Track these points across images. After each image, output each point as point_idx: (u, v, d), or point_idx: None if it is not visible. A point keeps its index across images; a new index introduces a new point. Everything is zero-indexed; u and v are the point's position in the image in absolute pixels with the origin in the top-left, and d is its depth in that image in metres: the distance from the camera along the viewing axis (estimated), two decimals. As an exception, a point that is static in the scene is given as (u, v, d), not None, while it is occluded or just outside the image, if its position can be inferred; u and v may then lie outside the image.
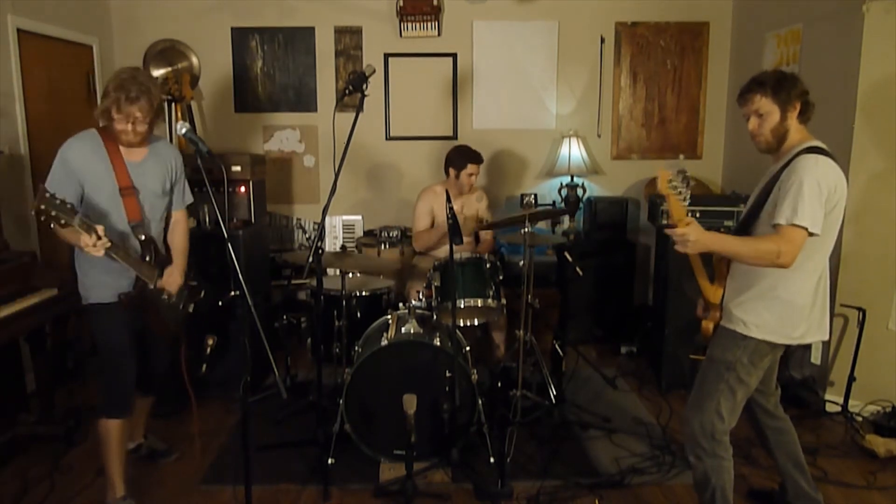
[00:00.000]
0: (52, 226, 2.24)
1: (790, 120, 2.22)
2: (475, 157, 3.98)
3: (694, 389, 2.40)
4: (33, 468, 3.05)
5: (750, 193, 2.43)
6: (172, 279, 2.75)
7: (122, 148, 2.59)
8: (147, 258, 2.64)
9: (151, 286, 2.66)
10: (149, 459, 3.13)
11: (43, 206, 2.19)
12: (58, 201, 2.21)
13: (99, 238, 2.30)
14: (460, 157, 3.98)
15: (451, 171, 4.01)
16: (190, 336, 2.89)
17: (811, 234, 2.10)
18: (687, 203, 2.13)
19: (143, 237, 2.62)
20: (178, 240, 2.84)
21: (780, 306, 2.23)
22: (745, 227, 2.33)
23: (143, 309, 2.67)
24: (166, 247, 2.80)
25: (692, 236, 2.10)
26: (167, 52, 4.82)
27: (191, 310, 2.85)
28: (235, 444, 3.20)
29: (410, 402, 2.57)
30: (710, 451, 2.32)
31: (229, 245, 2.07)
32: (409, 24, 4.86)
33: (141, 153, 2.65)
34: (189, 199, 2.92)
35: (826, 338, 2.35)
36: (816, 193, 2.09)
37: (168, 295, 2.74)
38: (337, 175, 2.90)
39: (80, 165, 2.51)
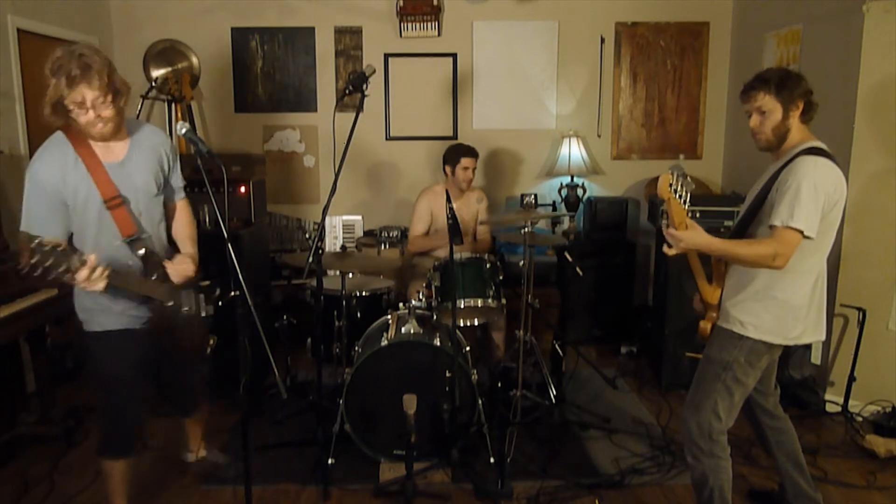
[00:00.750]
0: (49, 278, 1.92)
1: (792, 119, 2.22)
2: (468, 151, 3.99)
3: (691, 389, 2.40)
4: (33, 468, 3.05)
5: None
6: (184, 266, 2.39)
7: (97, 149, 2.19)
8: (154, 276, 2.33)
9: (169, 303, 2.37)
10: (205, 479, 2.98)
11: (35, 260, 1.84)
12: (47, 247, 1.87)
13: (93, 270, 2.00)
14: (454, 153, 4.00)
15: (448, 169, 4.02)
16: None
17: (805, 238, 2.11)
18: (687, 206, 2.13)
19: (142, 251, 2.28)
20: (184, 228, 2.51)
21: (777, 307, 2.24)
22: (743, 227, 2.33)
23: (166, 331, 2.39)
24: (173, 244, 2.54)
25: (684, 241, 2.11)
26: (167, 52, 4.82)
27: (211, 312, 2.50)
28: (235, 444, 3.20)
29: (410, 403, 2.57)
30: (708, 451, 2.32)
31: (229, 245, 2.06)
32: (409, 24, 4.86)
33: (121, 149, 2.25)
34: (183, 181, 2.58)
35: (823, 338, 2.35)
36: (813, 197, 2.09)
37: (187, 305, 2.43)
38: (337, 175, 2.91)
39: (58, 183, 2.14)
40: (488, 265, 3.44)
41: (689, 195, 2.12)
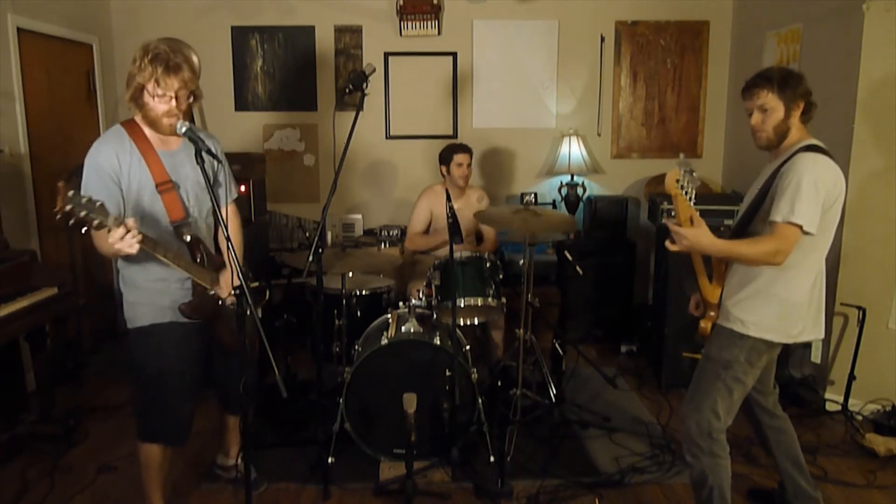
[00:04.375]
0: (84, 231, 1.97)
1: (793, 118, 2.22)
2: (460, 147, 4.01)
3: (691, 388, 2.40)
4: (33, 468, 3.05)
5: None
6: (228, 285, 2.42)
7: (152, 140, 2.30)
8: (198, 260, 2.35)
9: (211, 291, 2.38)
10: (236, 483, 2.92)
11: (69, 207, 1.90)
12: (84, 199, 1.93)
13: (127, 231, 2.01)
14: (447, 151, 4.02)
15: (443, 169, 4.03)
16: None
17: (805, 233, 2.11)
18: (692, 202, 2.14)
19: (189, 237, 2.33)
20: (231, 236, 2.49)
21: (778, 304, 2.24)
22: (743, 226, 2.33)
23: (210, 319, 2.40)
24: (218, 249, 2.55)
25: (688, 239, 2.12)
26: (167, 51, 4.81)
27: (259, 314, 2.36)
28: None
29: (410, 402, 2.57)
30: (707, 450, 2.32)
31: (230, 244, 2.06)
32: (410, 23, 4.86)
33: (175, 143, 2.35)
34: (235, 192, 2.66)
35: (822, 336, 2.35)
36: (813, 192, 2.10)
37: (231, 303, 2.40)
38: (337, 174, 2.90)
39: (114, 167, 2.24)
40: (488, 264, 3.44)
41: (694, 192, 2.13)
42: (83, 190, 2.24)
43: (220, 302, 2.45)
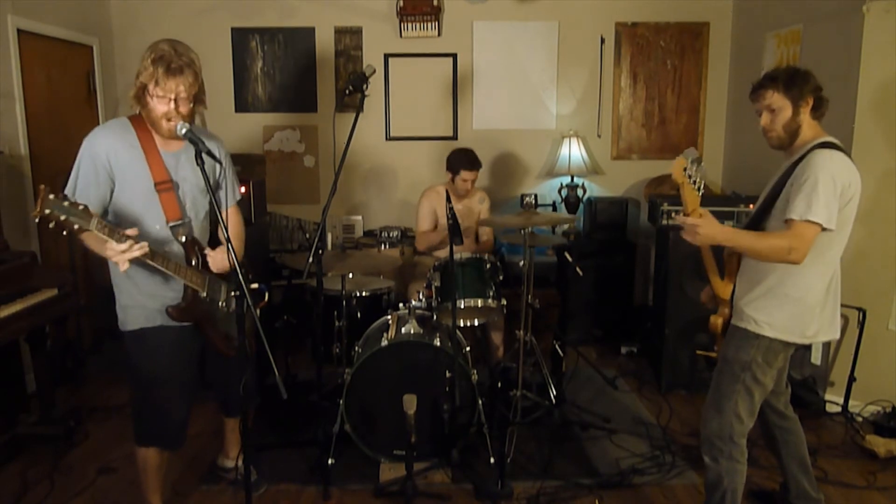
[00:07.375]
0: (64, 233, 1.95)
1: (802, 115, 2.21)
2: (471, 164, 3.95)
3: (710, 391, 2.38)
4: (33, 468, 3.05)
5: (750, 193, 2.42)
6: (222, 256, 2.38)
7: (156, 138, 2.29)
8: (193, 262, 2.34)
9: (203, 294, 2.36)
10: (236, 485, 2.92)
11: (47, 211, 1.88)
12: (65, 203, 1.91)
13: (133, 242, 2.02)
14: (456, 162, 3.97)
15: (449, 175, 4.02)
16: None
17: (825, 230, 2.09)
18: (701, 193, 2.12)
19: (184, 238, 2.32)
20: (231, 229, 2.39)
21: (791, 304, 2.22)
22: (756, 223, 2.31)
23: (199, 324, 2.39)
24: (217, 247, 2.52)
25: (703, 228, 2.09)
26: (167, 52, 4.81)
27: (258, 316, 2.26)
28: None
29: (410, 403, 2.57)
30: (727, 454, 2.32)
31: (230, 245, 2.06)
32: (409, 25, 4.86)
33: (178, 144, 2.34)
34: (237, 195, 2.65)
35: (837, 336, 2.34)
36: (831, 189, 2.08)
37: (223, 300, 2.44)
38: (337, 175, 2.90)
39: (110, 157, 2.21)
40: (488, 265, 3.44)
41: (702, 182, 2.10)
42: (73, 175, 2.22)
43: (217, 304, 2.44)
